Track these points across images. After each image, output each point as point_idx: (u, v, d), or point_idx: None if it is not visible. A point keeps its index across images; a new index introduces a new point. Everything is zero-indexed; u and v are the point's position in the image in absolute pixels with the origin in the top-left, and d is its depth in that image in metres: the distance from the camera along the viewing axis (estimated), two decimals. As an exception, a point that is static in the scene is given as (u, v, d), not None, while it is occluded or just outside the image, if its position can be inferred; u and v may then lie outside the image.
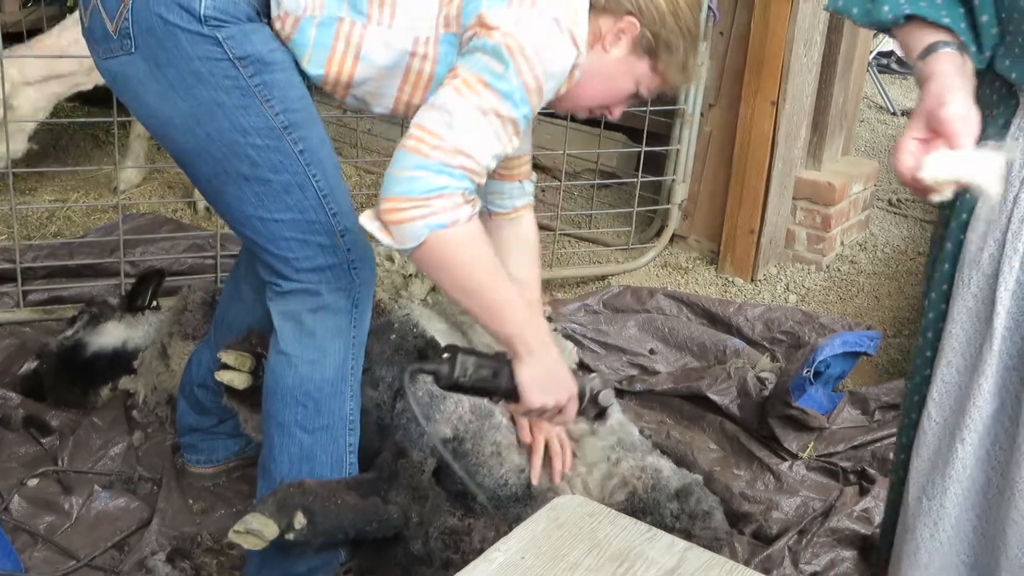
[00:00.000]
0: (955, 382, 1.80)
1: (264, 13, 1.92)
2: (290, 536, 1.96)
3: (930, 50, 1.61)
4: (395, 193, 1.77)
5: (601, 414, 2.14)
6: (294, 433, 2.13)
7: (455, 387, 1.96)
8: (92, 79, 3.84)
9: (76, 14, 3.74)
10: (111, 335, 2.89)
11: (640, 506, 2.27)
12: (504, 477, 2.30)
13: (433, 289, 2.85)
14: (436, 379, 1.95)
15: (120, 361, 2.87)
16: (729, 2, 3.88)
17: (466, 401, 2.31)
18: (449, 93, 1.81)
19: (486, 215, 2.25)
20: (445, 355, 1.95)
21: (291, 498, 2.00)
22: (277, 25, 1.92)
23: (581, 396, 2.04)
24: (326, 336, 2.05)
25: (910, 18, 1.65)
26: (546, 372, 1.96)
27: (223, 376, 2.26)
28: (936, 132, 1.52)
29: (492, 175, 2.16)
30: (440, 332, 2.61)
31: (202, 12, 1.84)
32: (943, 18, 1.62)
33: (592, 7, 1.95)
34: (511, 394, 1.97)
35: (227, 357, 2.25)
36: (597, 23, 1.96)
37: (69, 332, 2.90)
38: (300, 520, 1.98)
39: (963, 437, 1.76)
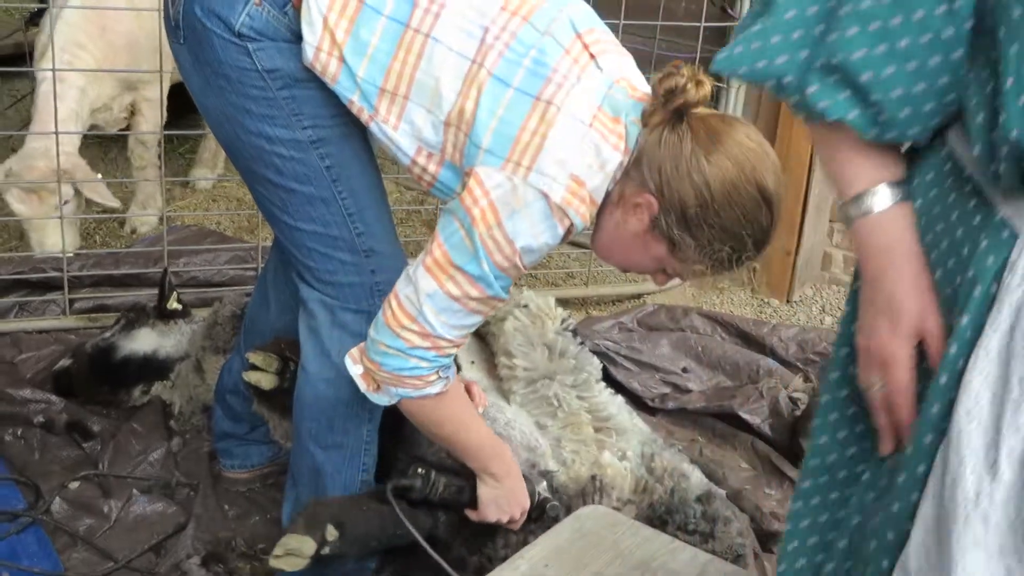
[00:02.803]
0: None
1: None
2: (325, 550, 1.97)
3: (869, 199, 1.08)
4: (373, 359, 1.88)
5: (539, 516, 2.23)
6: (308, 447, 2.16)
7: (425, 502, 2.11)
8: None
9: None
10: (143, 341, 2.96)
11: (666, 506, 2.29)
12: None
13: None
14: (408, 493, 2.08)
15: (150, 365, 2.94)
16: (768, 24, 3.88)
17: None
18: (422, 272, 1.81)
19: None
20: (420, 470, 2.08)
21: (319, 512, 2.03)
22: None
23: (532, 498, 2.18)
24: (342, 356, 2.00)
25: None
26: (505, 494, 2.10)
27: (251, 376, 2.30)
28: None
29: None
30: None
31: (237, 28, 1.88)
32: (907, 131, 1.00)
33: (623, 166, 1.80)
34: (473, 504, 2.13)
35: (255, 358, 2.30)
36: (624, 184, 1.80)
37: (107, 335, 2.98)
38: (332, 532, 2.00)
39: None
